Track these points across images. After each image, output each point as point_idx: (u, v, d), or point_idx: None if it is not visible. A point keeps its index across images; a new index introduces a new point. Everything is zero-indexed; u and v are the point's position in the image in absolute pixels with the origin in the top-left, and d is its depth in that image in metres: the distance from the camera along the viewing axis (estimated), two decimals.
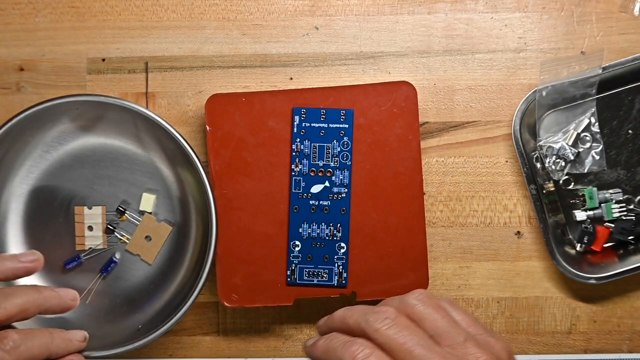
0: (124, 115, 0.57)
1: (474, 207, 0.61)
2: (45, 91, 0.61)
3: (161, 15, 0.61)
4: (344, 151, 0.58)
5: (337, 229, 0.58)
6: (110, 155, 0.59)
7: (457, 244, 0.61)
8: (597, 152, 0.59)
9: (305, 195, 0.58)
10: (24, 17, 0.61)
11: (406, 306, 0.40)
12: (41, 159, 0.59)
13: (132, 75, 0.61)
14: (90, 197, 0.59)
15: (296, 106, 0.58)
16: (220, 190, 0.58)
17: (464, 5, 0.60)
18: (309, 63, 0.61)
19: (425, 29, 0.61)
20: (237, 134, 0.58)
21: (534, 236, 0.61)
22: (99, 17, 0.61)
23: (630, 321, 0.61)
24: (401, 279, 0.58)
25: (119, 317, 0.59)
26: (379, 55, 0.61)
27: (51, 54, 0.61)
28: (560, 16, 0.60)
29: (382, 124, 0.58)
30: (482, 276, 0.61)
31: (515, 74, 0.61)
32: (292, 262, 0.58)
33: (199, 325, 0.61)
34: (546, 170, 0.60)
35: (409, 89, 0.58)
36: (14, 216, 0.59)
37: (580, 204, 0.60)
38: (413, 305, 0.40)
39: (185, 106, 0.61)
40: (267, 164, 0.58)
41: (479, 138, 0.61)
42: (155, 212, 0.60)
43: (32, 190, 0.59)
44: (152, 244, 0.59)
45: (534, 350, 0.61)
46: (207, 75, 0.61)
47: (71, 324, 0.58)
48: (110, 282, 0.60)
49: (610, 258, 0.59)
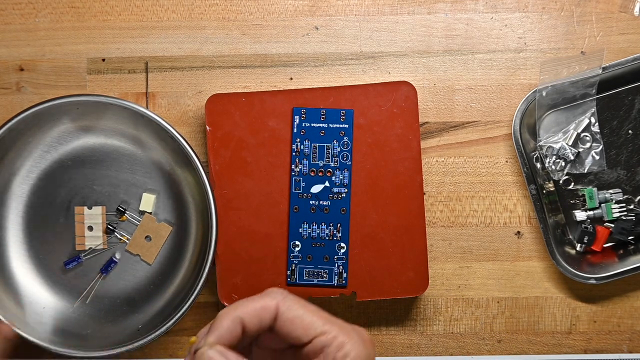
0: (124, 115, 0.57)
1: (474, 207, 0.61)
2: (45, 91, 0.61)
3: (161, 15, 0.61)
4: (344, 151, 0.58)
5: (337, 229, 0.58)
6: (110, 155, 0.59)
7: (457, 244, 0.61)
8: (597, 152, 0.59)
9: (305, 195, 0.58)
10: (24, 17, 0.61)
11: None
12: (41, 159, 0.59)
13: (132, 75, 0.61)
14: (90, 197, 0.59)
15: (296, 106, 0.58)
16: (220, 190, 0.58)
17: (464, 5, 0.60)
18: (309, 63, 0.61)
19: (425, 29, 0.61)
20: (237, 134, 0.58)
21: (534, 236, 0.61)
22: (99, 17, 0.61)
23: (630, 321, 0.61)
24: (401, 279, 0.58)
25: (119, 317, 0.59)
26: (379, 55, 0.61)
27: (51, 54, 0.61)
28: (560, 16, 0.60)
29: (382, 124, 0.58)
30: (482, 276, 0.61)
31: (515, 74, 0.61)
32: (292, 262, 0.58)
33: (199, 325, 0.61)
34: (546, 170, 0.60)
35: (409, 89, 0.58)
36: (14, 216, 0.59)
37: (580, 204, 0.60)
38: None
39: (185, 106, 0.61)
40: (267, 164, 0.58)
41: (479, 138, 0.61)
42: (155, 212, 0.60)
43: (32, 190, 0.59)
44: (152, 244, 0.59)
45: (534, 350, 0.61)
46: (207, 75, 0.61)
47: (71, 324, 0.59)
48: (110, 282, 0.60)
49: (610, 258, 0.59)
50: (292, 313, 0.40)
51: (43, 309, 0.59)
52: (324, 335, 0.39)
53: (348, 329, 0.41)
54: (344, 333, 0.40)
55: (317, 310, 0.41)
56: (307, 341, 0.40)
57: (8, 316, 0.55)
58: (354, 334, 0.40)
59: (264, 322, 0.40)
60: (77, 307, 0.59)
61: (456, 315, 0.61)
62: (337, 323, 0.41)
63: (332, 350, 0.39)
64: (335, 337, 0.39)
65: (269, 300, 0.40)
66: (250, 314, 0.40)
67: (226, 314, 0.40)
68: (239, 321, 0.40)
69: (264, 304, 0.40)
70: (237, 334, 0.40)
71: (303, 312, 0.40)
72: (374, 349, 0.41)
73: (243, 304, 0.40)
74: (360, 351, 0.39)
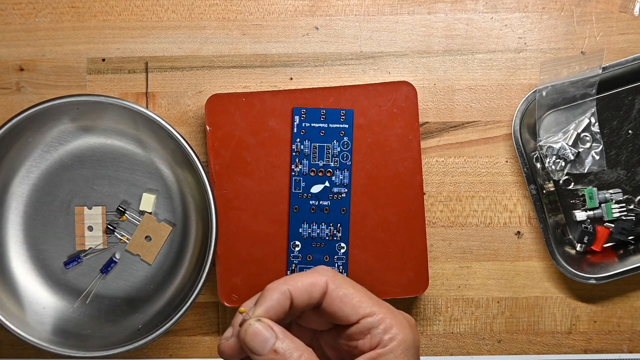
0: (124, 115, 0.57)
1: (474, 207, 0.61)
2: (45, 91, 0.61)
3: (161, 15, 0.61)
4: (344, 151, 0.58)
5: (337, 229, 0.58)
6: (110, 155, 0.59)
7: (457, 244, 0.61)
8: (597, 152, 0.59)
9: (305, 195, 0.58)
10: (24, 17, 0.61)
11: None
12: (41, 159, 0.59)
13: (132, 75, 0.61)
14: (90, 197, 0.59)
15: (296, 106, 0.58)
16: (220, 190, 0.58)
17: (464, 5, 0.60)
18: (309, 63, 0.61)
19: (425, 29, 0.61)
20: (237, 134, 0.58)
21: (534, 236, 0.61)
22: (99, 17, 0.61)
23: (630, 321, 0.61)
24: (401, 279, 0.58)
25: (119, 317, 0.59)
26: (379, 55, 0.61)
27: (51, 54, 0.61)
28: (560, 16, 0.60)
29: (382, 124, 0.58)
30: (482, 276, 0.61)
31: (515, 74, 0.61)
32: (292, 262, 0.58)
33: (199, 325, 0.61)
34: (546, 170, 0.60)
35: (409, 89, 0.58)
36: (14, 216, 0.59)
37: (580, 204, 0.60)
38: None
39: (185, 106, 0.61)
40: (267, 164, 0.58)
41: (479, 138, 0.61)
42: (155, 212, 0.60)
43: (32, 190, 0.59)
44: (152, 244, 0.59)
45: (534, 350, 0.61)
46: (207, 75, 0.61)
47: (71, 324, 0.59)
48: (110, 282, 0.60)
49: (610, 258, 0.59)
50: (342, 291, 0.39)
51: (43, 309, 0.59)
52: (371, 316, 0.38)
53: (395, 312, 0.40)
54: (392, 316, 0.39)
55: (366, 291, 0.40)
56: (355, 321, 0.39)
57: (8, 316, 0.55)
58: (402, 318, 0.39)
59: (313, 299, 0.39)
60: (77, 307, 0.59)
61: (456, 315, 0.61)
62: (385, 305, 0.40)
63: (379, 332, 0.38)
64: (383, 319, 0.38)
65: (318, 277, 0.39)
66: (300, 288, 0.39)
67: (276, 287, 0.39)
68: (288, 295, 0.38)
69: (314, 280, 0.39)
70: (285, 308, 0.38)
71: (353, 291, 0.39)
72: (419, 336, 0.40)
73: (293, 279, 0.39)
74: (407, 335, 0.39)
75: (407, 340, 0.39)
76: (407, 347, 0.38)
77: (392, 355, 0.38)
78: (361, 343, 0.39)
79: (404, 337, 0.38)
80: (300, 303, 0.39)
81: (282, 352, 0.37)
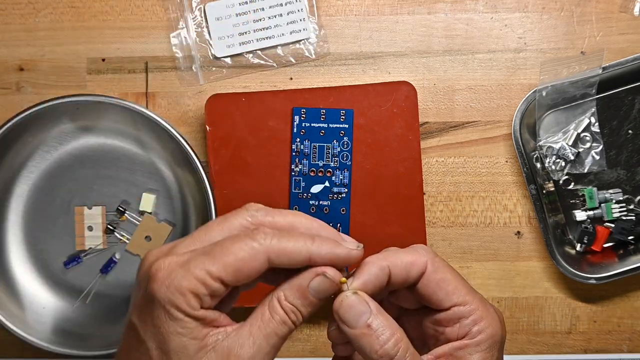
0: (124, 115, 0.57)
1: (474, 207, 0.61)
2: (45, 91, 0.61)
3: (161, 15, 0.61)
4: (344, 151, 0.58)
5: (337, 229, 0.58)
6: (110, 155, 0.59)
7: (457, 244, 0.61)
8: (597, 152, 0.59)
9: (305, 195, 0.58)
10: (24, 17, 0.61)
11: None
12: (41, 159, 0.59)
13: (132, 75, 0.61)
14: (90, 197, 0.59)
15: (296, 106, 0.58)
16: (220, 190, 0.58)
17: (464, 5, 0.60)
18: (309, 63, 0.61)
19: (425, 29, 0.61)
20: (237, 134, 0.58)
21: (534, 236, 0.61)
22: (99, 17, 0.61)
23: (630, 321, 0.61)
24: None
25: (119, 317, 0.59)
26: (379, 55, 0.61)
27: (51, 54, 0.61)
28: (560, 16, 0.60)
29: (382, 124, 0.58)
30: (482, 276, 0.61)
31: (515, 74, 0.61)
32: None
33: None
34: (546, 170, 0.60)
35: (409, 89, 0.58)
36: (14, 216, 0.59)
37: (580, 204, 0.60)
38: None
39: (185, 106, 0.61)
40: (267, 164, 0.58)
41: (479, 138, 0.61)
42: (155, 212, 0.60)
43: (32, 190, 0.59)
44: (152, 244, 0.59)
45: (534, 350, 0.61)
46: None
47: (71, 324, 0.59)
48: (110, 282, 0.60)
49: (610, 258, 0.59)
50: (440, 275, 0.38)
51: (43, 309, 0.59)
52: (464, 305, 0.38)
53: (488, 304, 0.39)
54: (484, 308, 0.38)
55: (462, 278, 0.39)
56: (446, 307, 0.38)
57: (8, 316, 0.55)
58: (493, 311, 0.39)
59: (410, 278, 0.38)
60: (77, 307, 0.59)
61: None
62: (478, 296, 0.39)
63: (468, 322, 0.37)
64: (475, 310, 0.38)
65: (419, 257, 0.38)
66: (399, 266, 0.37)
67: (375, 262, 0.38)
68: (387, 272, 0.37)
69: (414, 259, 0.38)
70: (382, 284, 0.37)
71: (450, 277, 0.38)
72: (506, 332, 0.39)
73: (393, 255, 0.38)
74: (496, 330, 0.38)
75: (495, 335, 0.38)
76: (494, 342, 0.38)
77: (478, 348, 0.37)
78: (449, 330, 0.38)
79: (492, 332, 0.38)
80: (397, 281, 0.38)
81: (375, 329, 0.36)
